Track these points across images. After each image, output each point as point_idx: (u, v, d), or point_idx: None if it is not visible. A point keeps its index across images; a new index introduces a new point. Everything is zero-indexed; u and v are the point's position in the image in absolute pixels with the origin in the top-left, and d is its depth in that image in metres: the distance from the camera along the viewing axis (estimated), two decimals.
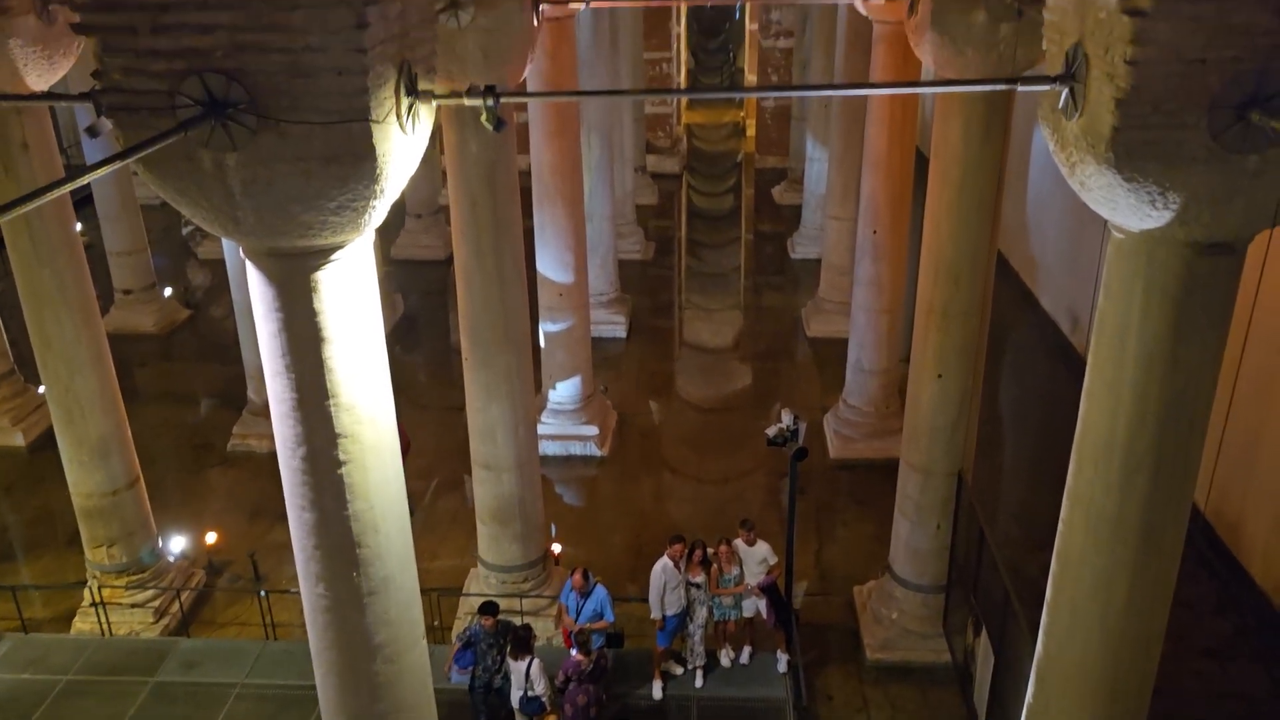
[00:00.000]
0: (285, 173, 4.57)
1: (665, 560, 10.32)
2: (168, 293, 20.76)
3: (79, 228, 11.02)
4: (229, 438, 15.68)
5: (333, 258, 5.03)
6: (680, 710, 10.46)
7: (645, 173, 27.66)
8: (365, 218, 4.90)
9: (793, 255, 23.42)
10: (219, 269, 18.73)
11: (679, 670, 10.79)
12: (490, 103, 5.03)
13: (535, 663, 9.49)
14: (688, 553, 10.40)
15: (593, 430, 15.42)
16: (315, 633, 6.06)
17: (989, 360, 10.58)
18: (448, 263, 20.74)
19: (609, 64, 18.54)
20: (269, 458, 6.19)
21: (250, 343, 14.64)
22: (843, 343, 15.74)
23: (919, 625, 11.19)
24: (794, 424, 10.09)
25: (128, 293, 19.73)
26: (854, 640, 11.56)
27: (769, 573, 10.58)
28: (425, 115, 5.08)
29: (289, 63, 4.38)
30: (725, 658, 10.94)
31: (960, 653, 10.62)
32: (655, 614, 10.40)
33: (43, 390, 11.52)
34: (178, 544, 12.77)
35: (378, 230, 5.25)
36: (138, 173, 4.72)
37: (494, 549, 11.57)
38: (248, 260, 5.11)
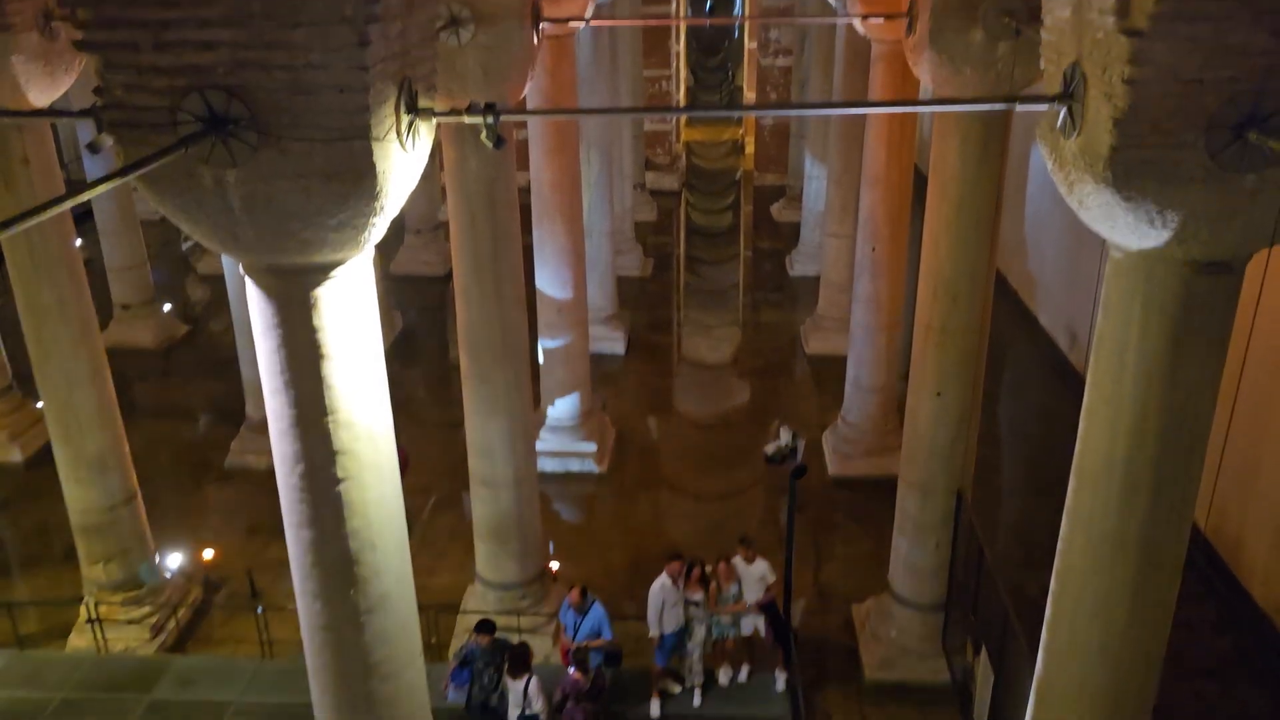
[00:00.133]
0: (285, 189, 4.58)
1: (664, 578, 10.29)
2: (167, 308, 20.77)
3: (79, 243, 11.03)
4: (227, 454, 15.65)
5: (332, 274, 5.03)
6: None
7: (644, 189, 27.73)
8: (365, 235, 4.90)
9: (791, 272, 23.45)
10: (218, 284, 18.73)
11: (677, 689, 10.74)
12: (490, 120, 5.05)
13: (533, 681, 9.45)
14: (686, 570, 10.38)
15: (591, 447, 15.39)
16: (312, 650, 6.03)
17: (988, 378, 10.58)
18: (447, 279, 20.75)
19: (609, 81, 18.63)
20: (267, 474, 6.16)
21: (249, 359, 14.63)
22: (841, 360, 15.74)
23: (918, 644, 11.15)
24: (793, 441, 10.09)
25: (127, 308, 19.73)
26: (852, 659, 11.51)
27: (767, 590, 10.56)
28: (425, 132, 5.09)
29: (290, 80, 4.40)
30: (724, 676, 10.89)
31: (959, 672, 10.57)
32: (653, 632, 10.36)
33: (41, 405, 11.50)
34: (175, 560, 12.73)
35: (377, 246, 5.25)
36: (138, 189, 4.73)
37: (492, 566, 11.54)
38: (247, 276, 5.11)
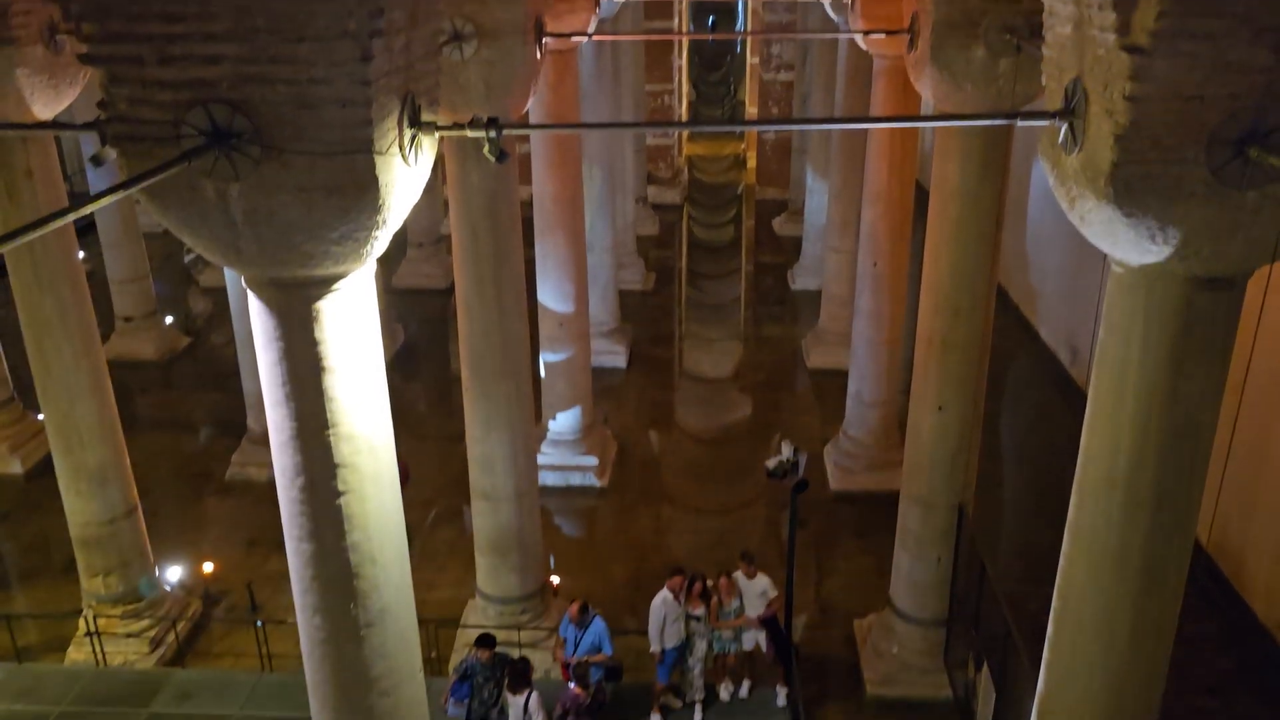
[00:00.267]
0: (288, 203, 4.59)
1: (665, 593, 10.26)
2: (169, 320, 20.79)
3: (81, 255, 11.05)
4: (228, 466, 15.63)
5: (334, 287, 5.04)
6: None
7: (646, 204, 27.78)
8: (367, 248, 4.91)
9: (793, 286, 23.47)
10: (220, 297, 18.76)
11: (678, 704, 10.70)
12: (492, 134, 5.07)
13: (533, 696, 9.40)
14: (687, 585, 10.35)
15: (592, 461, 15.38)
16: (311, 664, 6.01)
17: (989, 392, 10.57)
18: (449, 292, 20.73)
19: (611, 96, 18.68)
20: (268, 487, 6.15)
21: (250, 371, 14.64)
22: (843, 374, 15.74)
23: (920, 659, 11.11)
24: (794, 456, 10.08)
25: (129, 320, 19.75)
26: (854, 674, 11.47)
27: (769, 605, 10.53)
28: (428, 146, 5.10)
29: (294, 94, 4.41)
30: (724, 692, 10.86)
31: (961, 688, 10.53)
32: (654, 647, 10.33)
33: (41, 417, 11.50)
34: (174, 573, 12.71)
35: (379, 259, 5.26)
36: (141, 201, 4.74)
37: (492, 580, 11.51)
38: (249, 289, 5.12)
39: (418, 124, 4.93)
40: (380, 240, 4.95)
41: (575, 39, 12.19)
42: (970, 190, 9.30)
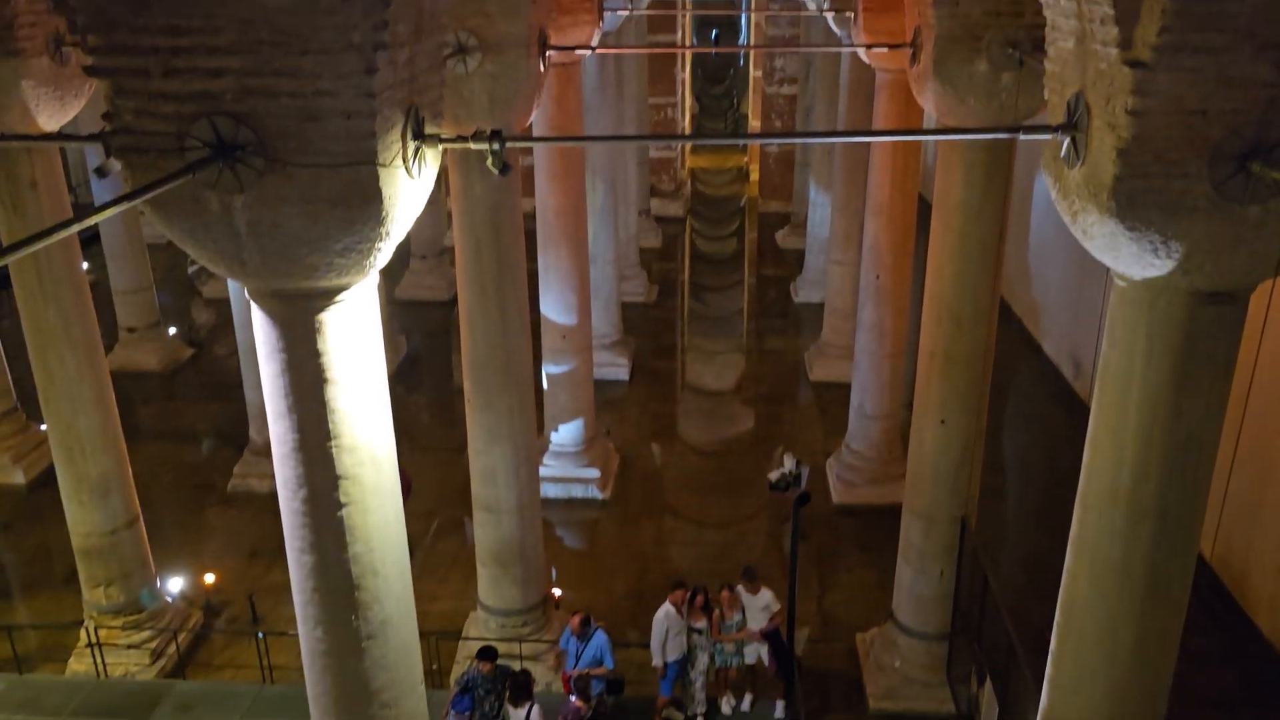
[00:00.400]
0: (292, 215, 4.60)
1: (668, 607, 10.24)
2: (172, 331, 20.83)
3: (85, 266, 11.08)
4: (230, 477, 15.63)
5: (337, 299, 5.05)
6: None
7: (649, 216, 27.80)
8: (371, 260, 4.92)
9: (795, 299, 23.48)
10: (223, 308, 18.80)
11: (680, 717, 10.67)
12: (496, 147, 5.08)
13: (535, 709, 9.37)
14: (689, 598, 10.33)
15: (594, 473, 15.37)
16: (312, 677, 5.99)
17: (992, 406, 10.56)
18: (452, 304, 20.80)
19: (614, 109, 18.74)
20: (270, 498, 6.15)
21: (253, 382, 14.65)
22: (845, 387, 15.72)
23: (922, 674, 11.07)
24: (796, 469, 10.07)
25: (132, 331, 19.78)
26: (856, 688, 11.42)
27: (771, 619, 10.50)
28: (431, 159, 5.12)
29: (298, 106, 4.43)
30: (726, 705, 10.82)
31: (964, 702, 10.49)
32: (657, 661, 10.30)
33: (44, 428, 11.51)
34: (176, 584, 12.69)
35: (383, 271, 5.27)
36: (145, 213, 4.76)
37: (494, 592, 11.49)
38: (252, 301, 5.13)
39: (421, 136, 4.95)
40: (383, 252, 4.96)
41: (579, 52, 12.24)
42: (973, 203, 9.32)
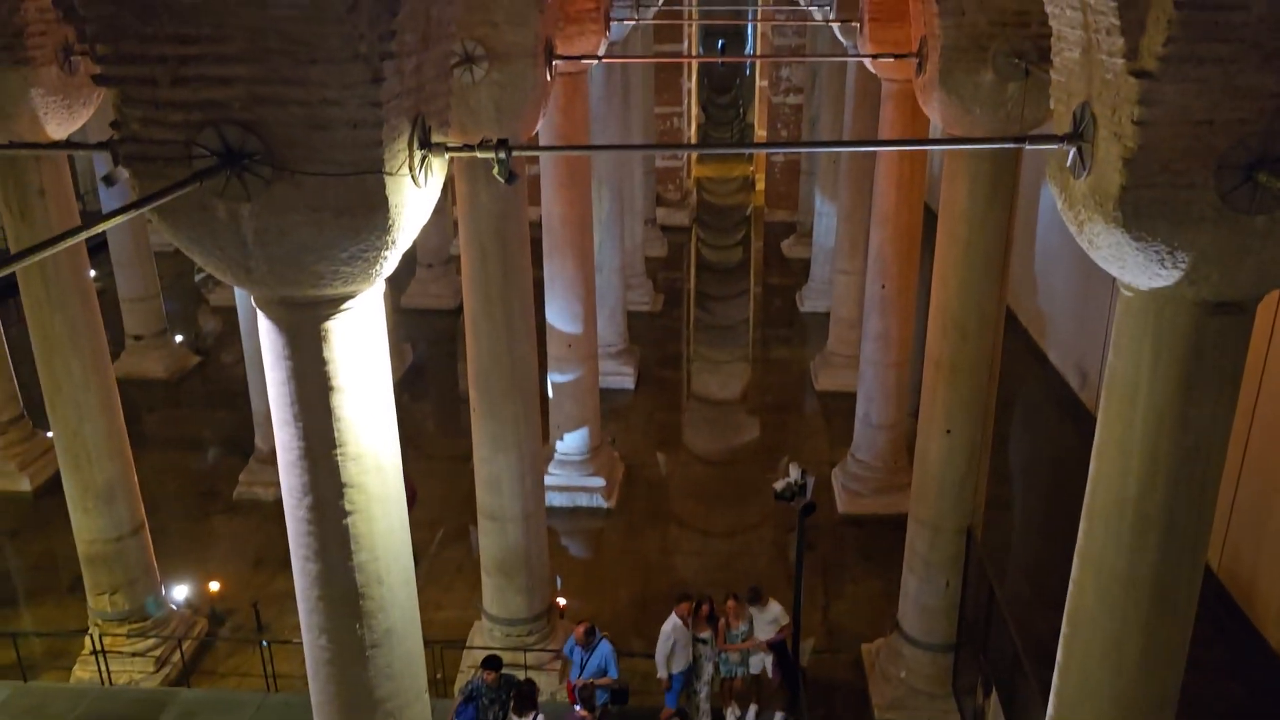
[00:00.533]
0: (298, 223, 4.61)
1: (675, 620, 10.22)
2: (178, 339, 20.88)
3: (92, 273, 11.12)
4: (235, 485, 15.65)
5: (343, 307, 5.05)
6: None
7: (655, 225, 27.85)
8: (377, 268, 4.92)
9: (801, 308, 23.48)
10: (230, 316, 18.81)
11: None
12: (502, 156, 5.08)
13: (539, 719, 9.36)
14: (694, 608, 10.31)
15: (600, 482, 15.35)
16: (316, 685, 5.98)
17: (998, 416, 10.53)
18: (457, 312, 20.76)
19: (620, 118, 18.77)
20: (275, 505, 6.17)
21: (259, 390, 14.68)
22: (851, 397, 15.70)
23: (928, 685, 11.02)
24: (802, 478, 10.04)
25: (139, 338, 19.83)
26: (862, 699, 11.38)
27: (779, 631, 10.47)
28: (438, 167, 5.13)
29: (305, 115, 4.44)
30: (731, 716, 10.79)
31: (970, 714, 10.44)
32: (662, 674, 10.27)
33: (50, 435, 11.53)
34: (181, 592, 12.70)
35: (388, 279, 5.28)
36: (152, 221, 4.77)
37: (499, 601, 11.47)
38: (258, 309, 5.13)
39: (428, 145, 4.95)
40: (390, 260, 4.97)
41: (585, 62, 12.28)
42: (978, 213, 9.31)
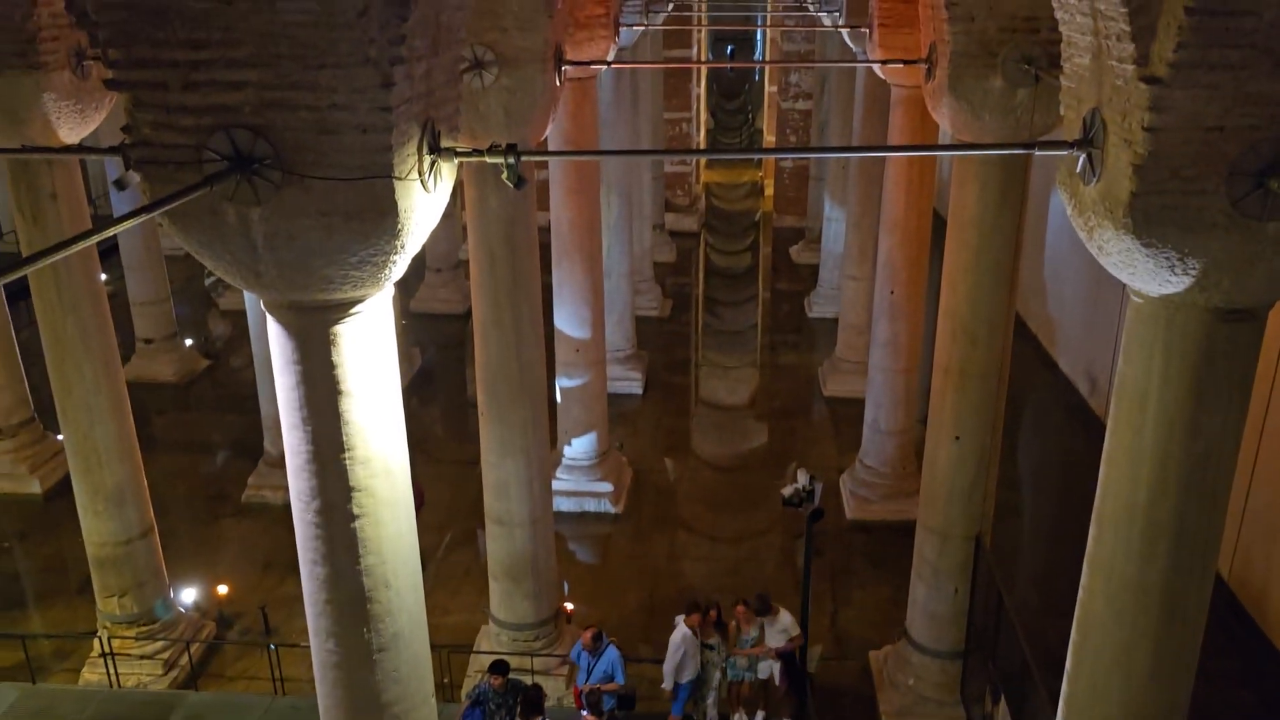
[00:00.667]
0: (308, 227, 4.62)
1: (685, 630, 10.19)
2: (188, 343, 20.95)
3: (103, 277, 11.17)
4: (244, 488, 15.68)
5: (353, 311, 5.07)
6: None
7: (664, 230, 27.85)
8: (386, 272, 4.94)
9: (810, 314, 23.45)
10: (240, 320, 18.90)
11: None
12: (511, 160, 5.10)
13: None
14: (702, 615, 10.29)
15: (607, 487, 15.35)
16: (324, 689, 5.99)
17: (1007, 422, 10.51)
18: (466, 317, 20.83)
19: (629, 123, 18.79)
20: (283, 509, 6.17)
21: (268, 394, 14.71)
22: (860, 402, 15.67)
23: (936, 692, 10.98)
24: (810, 484, 10.04)
25: (149, 342, 19.89)
26: (870, 707, 11.34)
27: (790, 641, 10.44)
28: (447, 172, 5.14)
29: (315, 120, 4.46)
30: None
31: None
32: (668, 683, 10.24)
33: (61, 438, 11.57)
34: (189, 595, 12.73)
35: (397, 283, 5.29)
36: (163, 225, 4.79)
37: (506, 606, 11.47)
38: (268, 313, 5.15)
39: (437, 150, 4.97)
40: (399, 265, 4.98)
41: (594, 67, 12.29)
42: (988, 219, 9.29)
